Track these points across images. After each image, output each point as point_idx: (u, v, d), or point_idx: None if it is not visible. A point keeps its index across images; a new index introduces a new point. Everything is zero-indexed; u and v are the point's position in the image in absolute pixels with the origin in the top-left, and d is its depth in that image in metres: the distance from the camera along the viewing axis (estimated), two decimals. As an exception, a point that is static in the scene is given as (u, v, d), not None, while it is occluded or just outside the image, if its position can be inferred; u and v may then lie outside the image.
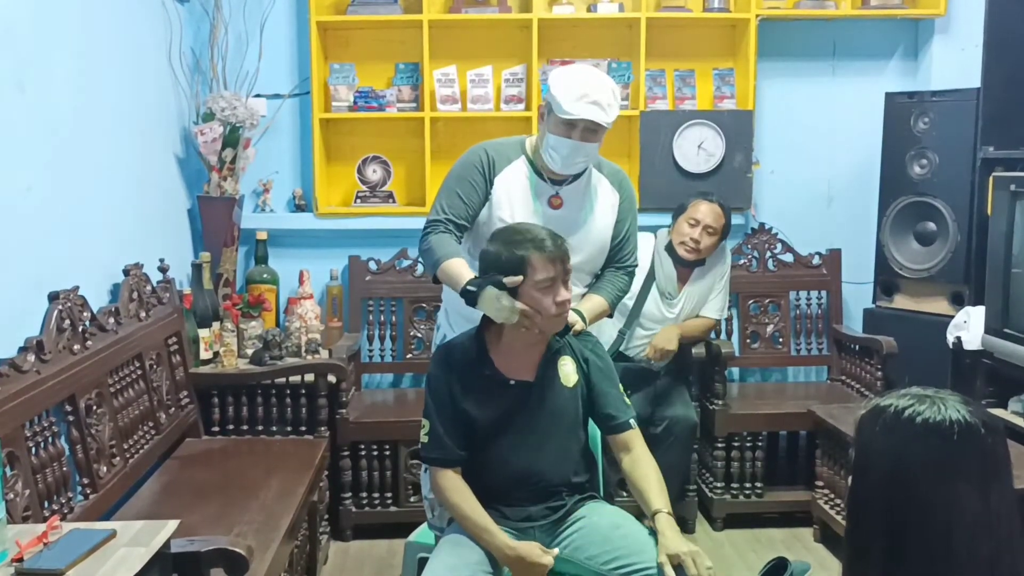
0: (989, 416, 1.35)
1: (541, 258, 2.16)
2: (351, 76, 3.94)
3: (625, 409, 2.33)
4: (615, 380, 2.36)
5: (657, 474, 2.26)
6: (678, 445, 3.41)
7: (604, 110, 2.41)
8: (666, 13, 3.96)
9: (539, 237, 2.19)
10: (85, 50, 2.81)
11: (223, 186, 3.61)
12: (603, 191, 2.61)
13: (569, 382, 2.29)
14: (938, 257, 3.75)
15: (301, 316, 3.62)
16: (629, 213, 2.64)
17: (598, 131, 2.45)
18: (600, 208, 2.59)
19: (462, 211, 2.51)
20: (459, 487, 2.22)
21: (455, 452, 2.23)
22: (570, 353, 2.32)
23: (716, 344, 3.63)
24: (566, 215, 2.54)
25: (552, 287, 2.17)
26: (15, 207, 2.35)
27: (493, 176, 2.54)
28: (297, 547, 2.79)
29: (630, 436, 2.31)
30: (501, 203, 2.53)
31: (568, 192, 2.56)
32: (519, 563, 2.12)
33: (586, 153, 2.47)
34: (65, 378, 2.34)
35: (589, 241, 2.56)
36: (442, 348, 2.36)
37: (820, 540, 3.54)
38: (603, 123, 2.43)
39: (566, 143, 2.44)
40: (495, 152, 2.56)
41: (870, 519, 1.36)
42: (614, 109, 2.44)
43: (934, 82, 3.98)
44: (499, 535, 2.15)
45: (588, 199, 2.58)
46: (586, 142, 2.45)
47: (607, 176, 2.63)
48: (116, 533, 1.75)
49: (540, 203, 2.54)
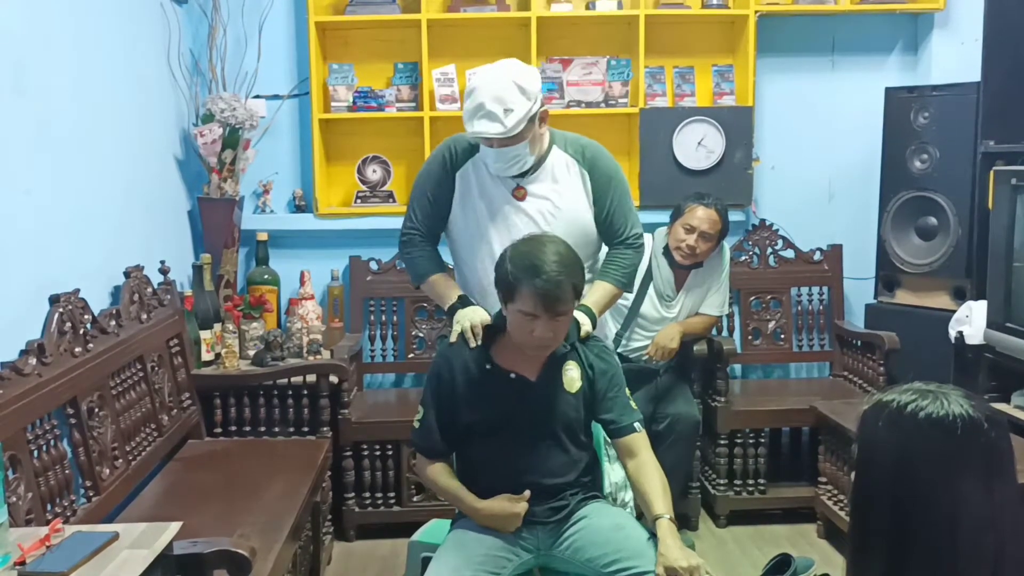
0: (992, 410, 1.35)
1: (530, 291, 2.09)
2: (350, 76, 3.94)
3: (630, 413, 2.30)
4: (621, 384, 2.33)
5: (662, 478, 2.23)
6: (681, 442, 3.40)
7: (498, 120, 2.29)
8: (665, 10, 3.95)
9: (540, 268, 2.08)
10: (84, 53, 2.81)
11: (223, 187, 3.61)
12: (569, 173, 2.50)
13: (572, 387, 2.27)
14: (939, 252, 3.74)
15: (302, 317, 3.62)
16: (607, 186, 2.51)
17: (508, 138, 2.34)
18: (570, 192, 2.50)
19: (432, 215, 2.56)
20: (439, 470, 2.32)
21: (440, 447, 2.32)
22: (576, 359, 2.29)
23: (718, 341, 3.62)
24: (534, 205, 2.48)
25: (533, 321, 2.12)
26: (15, 210, 2.35)
27: (455, 170, 2.53)
28: (300, 548, 2.79)
29: (634, 440, 2.28)
30: (459, 198, 2.52)
31: (531, 181, 2.48)
32: (493, 519, 2.21)
33: (515, 155, 2.39)
34: (66, 381, 2.34)
35: (565, 229, 2.43)
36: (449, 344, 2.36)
37: (824, 536, 3.53)
38: (496, 134, 2.31)
39: (489, 152, 2.41)
40: (457, 146, 2.55)
41: (873, 515, 1.36)
42: (515, 112, 2.30)
43: (934, 76, 3.97)
44: (468, 498, 2.25)
45: (554, 185, 2.49)
46: (504, 147, 2.36)
47: (572, 155, 2.51)
48: (119, 535, 1.75)
49: (506, 195, 2.49)
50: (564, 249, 2.17)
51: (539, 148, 2.47)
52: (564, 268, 2.11)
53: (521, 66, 2.41)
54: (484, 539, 2.22)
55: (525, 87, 2.34)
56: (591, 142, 2.57)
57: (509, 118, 2.31)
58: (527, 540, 2.24)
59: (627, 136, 4.04)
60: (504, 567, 2.20)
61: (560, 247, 2.17)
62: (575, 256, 2.19)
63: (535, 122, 2.40)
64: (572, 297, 2.15)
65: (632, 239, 2.56)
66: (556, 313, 2.12)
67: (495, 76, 2.35)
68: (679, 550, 2.07)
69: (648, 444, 2.31)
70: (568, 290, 2.12)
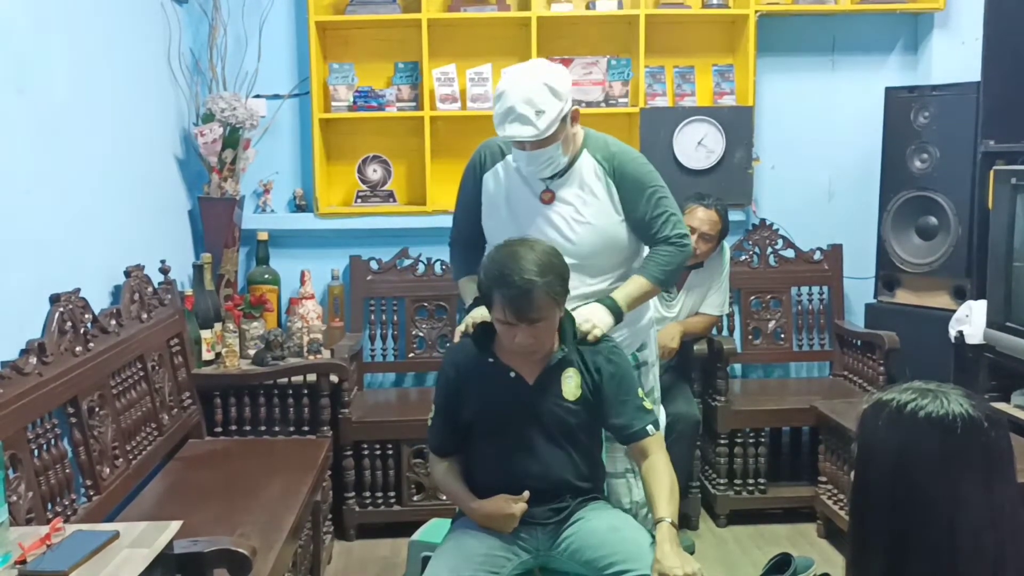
0: (992, 410, 1.34)
1: (500, 301, 2.09)
2: (350, 76, 3.94)
3: (641, 416, 2.26)
4: (631, 386, 2.29)
5: (671, 480, 2.21)
6: (681, 442, 3.40)
7: (530, 122, 2.27)
8: (665, 10, 3.95)
9: (508, 277, 2.06)
10: (84, 52, 2.81)
11: (223, 187, 3.61)
12: (597, 180, 2.46)
13: (571, 396, 2.25)
14: (939, 251, 3.74)
15: (303, 316, 3.62)
16: (638, 194, 2.45)
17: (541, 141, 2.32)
18: (595, 199, 2.45)
19: (465, 220, 2.59)
20: (444, 468, 2.36)
21: (446, 443, 2.36)
22: (577, 366, 2.26)
23: (718, 341, 3.62)
24: (559, 209, 2.44)
25: (512, 328, 2.12)
26: (15, 210, 2.35)
27: (482, 174, 2.53)
28: (301, 547, 2.79)
29: (647, 443, 2.26)
30: (485, 202, 2.53)
31: (559, 185, 2.45)
32: (490, 519, 2.22)
33: (548, 157, 2.36)
34: (67, 380, 2.34)
35: (591, 235, 2.42)
36: (456, 343, 2.40)
37: (824, 536, 3.53)
38: (529, 138, 2.29)
39: (521, 155, 2.39)
40: (487, 150, 2.55)
41: (873, 514, 1.36)
42: (547, 114, 2.27)
43: (934, 76, 3.97)
44: (467, 498, 2.27)
45: (581, 190, 2.45)
46: (537, 149, 2.34)
47: (600, 162, 2.46)
48: (119, 534, 1.75)
49: (533, 198, 2.47)
50: (541, 255, 2.13)
51: (572, 148, 2.44)
52: (536, 275, 2.06)
53: (550, 66, 2.39)
54: (483, 539, 2.22)
55: (556, 88, 2.30)
56: (621, 148, 2.51)
57: (541, 120, 2.27)
58: (526, 541, 2.24)
59: (627, 136, 4.03)
60: (503, 567, 2.20)
61: (537, 252, 2.13)
62: (554, 261, 2.15)
63: (567, 122, 2.36)
64: (548, 304, 2.10)
65: (671, 237, 2.48)
66: (530, 321, 2.10)
67: (524, 78, 2.31)
68: (676, 556, 2.04)
69: (662, 445, 2.28)
70: (540, 297, 2.07)
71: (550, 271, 2.11)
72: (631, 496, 2.51)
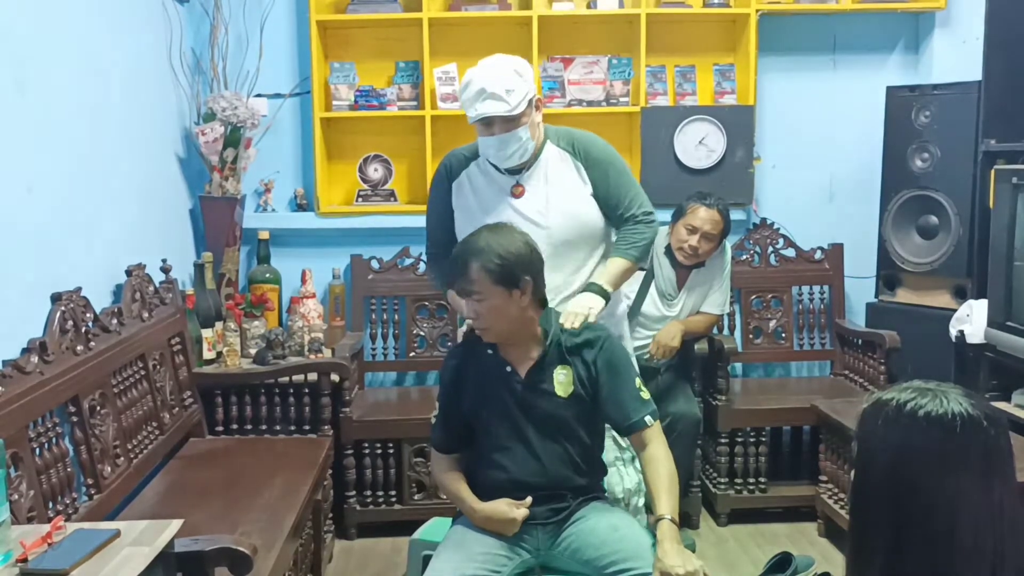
0: (992, 409, 1.35)
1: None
2: (351, 75, 3.94)
3: (639, 407, 2.26)
4: (629, 377, 2.29)
5: (670, 475, 2.21)
6: (681, 441, 3.40)
7: (501, 99, 2.37)
8: (666, 9, 3.96)
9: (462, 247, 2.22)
10: (85, 51, 2.81)
11: (224, 186, 3.62)
12: (563, 165, 2.55)
13: (562, 392, 2.25)
14: (940, 251, 3.74)
15: (304, 315, 3.62)
16: (605, 171, 2.55)
17: (511, 119, 2.41)
18: (565, 183, 2.53)
19: (441, 229, 2.64)
20: (446, 467, 2.37)
21: (449, 441, 2.37)
22: (567, 361, 2.27)
23: (719, 340, 3.63)
24: (530, 201, 2.52)
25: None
26: (16, 208, 2.35)
27: (451, 182, 2.60)
28: (301, 546, 2.79)
29: (646, 434, 2.26)
30: (458, 206, 2.59)
31: (527, 178, 2.53)
32: (490, 522, 2.22)
33: (516, 140, 2.44)
34: (68, 379, 2.34)
35: (564, 220, 2.50)
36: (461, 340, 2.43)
37: (824, 535, 3.54)
38: (502, 113, 2.39)
39: (489, 141, 2.46)
40: (453, 158, 2.63)
41: (873, 513, 1.36)
42: (515, 92, 2.38)
43: (935, 75, 3.97)
44: (468, 500, 2.27)
45: (549, 179, 2.54)
46: (507, 132, 2.42)
47: (564, 147, 2.56)
48: (120, 533, 1.75)
49: (504, 194, 2.54)
50: (496, 236, 2.19)
51: (537, 137, 2.52)
52: (477, 250, 2.15)
53: (512, 56, 2.51)
54: (484, 538, 2.22)
55: (520, 72, 2.44)
56: (582, 133, 2.62)
57: (512, 97, 2.39)
58: (527, 540, 2.24)
59: (628, 135, 4.04)
60: (504, 565, 2.20)
61: (497, 234, 2.20)
62: (507, 243, 2.17)
63: (532, 106, 2.47)
64: (481, 279, 2.13)
65: (639, 215, 2.56)
66: (465, 293, 2.19)
67: (491, 65, 2.45)
68: (677, 555, 2.04)
69: (661, 436, 2.27)
70: (470, 270, 2.14)
71: (495, 249, 2.15)
72: (623, 484, 2.52)
